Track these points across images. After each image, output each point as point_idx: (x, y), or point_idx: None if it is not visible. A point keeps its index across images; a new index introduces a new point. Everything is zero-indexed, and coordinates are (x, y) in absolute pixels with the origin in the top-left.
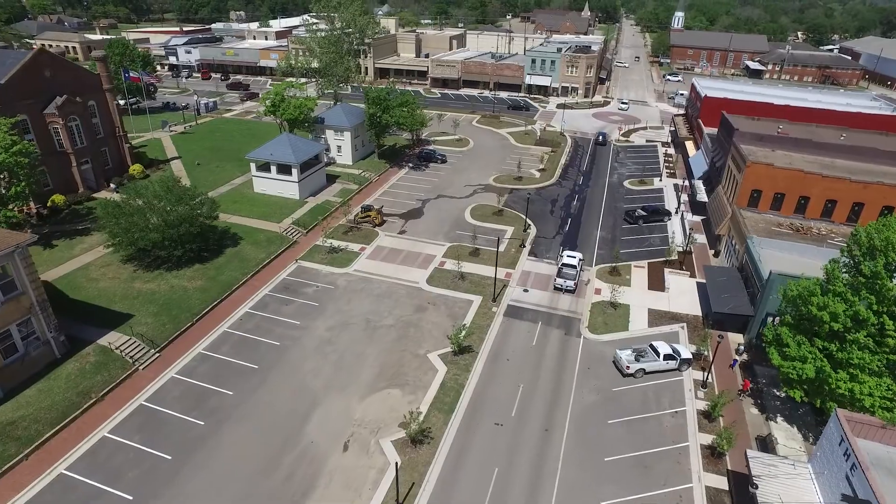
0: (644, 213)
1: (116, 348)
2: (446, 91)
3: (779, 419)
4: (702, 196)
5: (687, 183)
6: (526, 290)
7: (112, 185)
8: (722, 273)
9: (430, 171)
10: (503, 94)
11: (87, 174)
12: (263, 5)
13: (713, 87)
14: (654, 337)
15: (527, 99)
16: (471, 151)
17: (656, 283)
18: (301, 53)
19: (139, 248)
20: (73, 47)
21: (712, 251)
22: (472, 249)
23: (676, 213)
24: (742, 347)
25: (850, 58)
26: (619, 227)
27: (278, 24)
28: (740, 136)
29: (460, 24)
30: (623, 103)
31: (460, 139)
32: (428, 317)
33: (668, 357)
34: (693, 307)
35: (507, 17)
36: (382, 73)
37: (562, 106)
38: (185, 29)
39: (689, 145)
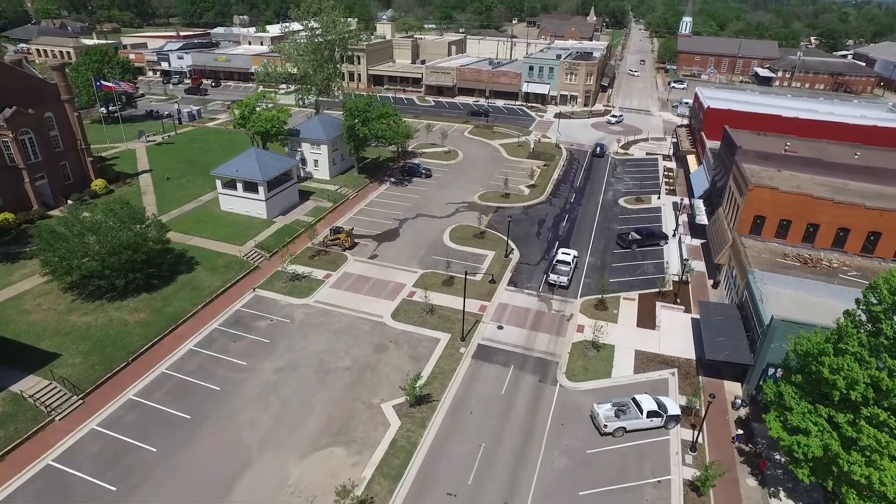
0: (638, 237)
1: (30, 396)
2: (441, 99)
3: (782, 495)
4: (702, 218)
5: (686, 202)
6: (500, 327)
7: (70, 202)
8: (719, 311)
9: (412, 187)
10: (500, 103)
11: (42, 190)
12: (268, 9)
13: (717, 98)
14: (640, 386)
15: (487, 106)
16: (458, 165)
17: (647, 318)
18: (280, 62)
19: (81, 275)
20: (68, 52)
21: (711, 281)
22: (446, 278)
23: (674, 236)
24: (739, 401)
25: (864, 64)
26: (610, 251)
27: (278, 28)
28: (743, 154)
29: (461, 30)
30: (613, 116)
31: (449, 151)
32: (388, 358)
33: (652, 414)
34: (686, 349)
35: (513, 21)
36: (376, 79)
37: (559, 115)
38: (181, 34)
39: (691, 159)
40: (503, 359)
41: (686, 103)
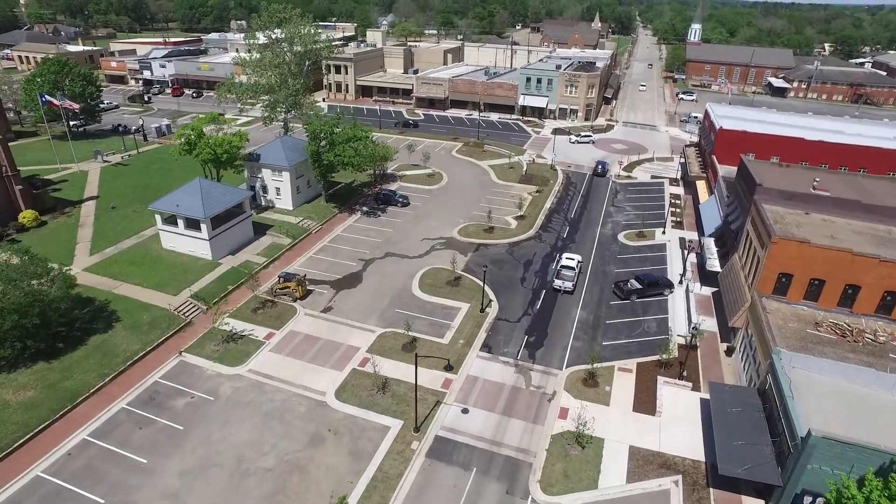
0: (639, 286)
1: None
2: (431, 112)
3: None
4: (713, 263)
5: (695, 241)
6: (466, 411)
7: None
8: (735, 397)
9: (385, 218)
10: (494, 116)
11: None
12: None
13: (730, 117)
14: (634, 501)
15: (409, 119)
16: (441, 190)
17: (646, 399)
18: (242, 76)
19: None
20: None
21: (724, 346)
22: (408, 341)
23: (680, 283)
24: None
25: (885, 73)
26: (605, 302)
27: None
28: (764, 193)
29: (459, 37)
30: (583, 135)
31: (432, 174)
32: (323, 455)
33: None
34: (694, 445)
35: (517, 27)
36: (365, 90)
37: (557, 132)
38: (170, 40)
39: (701, 186)
40: (465, 457)
41: (695, 118)
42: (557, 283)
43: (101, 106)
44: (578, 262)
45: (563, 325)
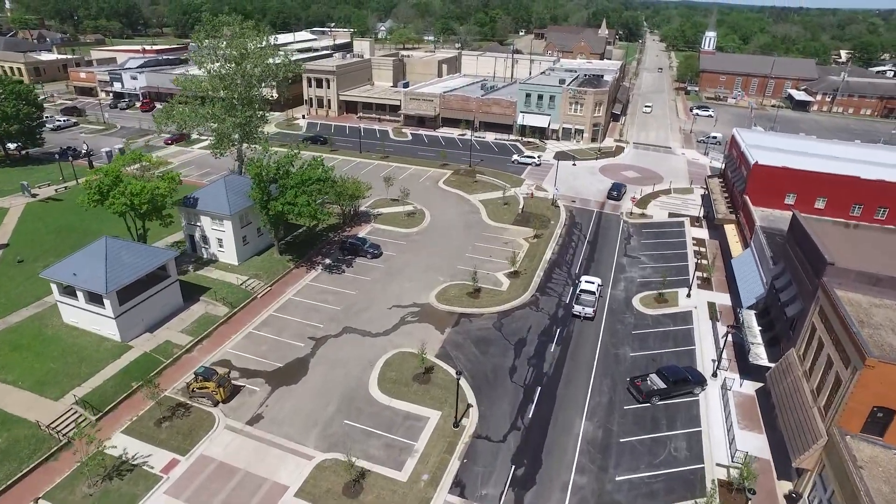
0: (662, 386)
1: None
2: (420, 131)
3: None
4: (758, 355)
5: (723, 306)
6: None
7: None
8: None
9: (351, 275)
10: (490, 137)
11: None
12: (264, 19)
13: (764, 146)
14: None
15: (322, 136)
16: (422, 235)
17: None
18: (185, 102)
19: None
20: (18, 69)
21: (785, 490)
22: (352, 480)
23: (714, 375)
24: None
25: None
26: (618, 407)
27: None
28: (838, 275)
29: (457, 45)
30: (525, 156)
31: (413, 212)
32: None
33: None
34: None
35: (520, 33)
36: (350, 106)
37: (561, 156)
38: (151, 48)
39: (731, 232)
40: None
41: (714, 139)
42: (577, 308)
43: (48, 126)
44: (599, 285)
45: (563, 447)
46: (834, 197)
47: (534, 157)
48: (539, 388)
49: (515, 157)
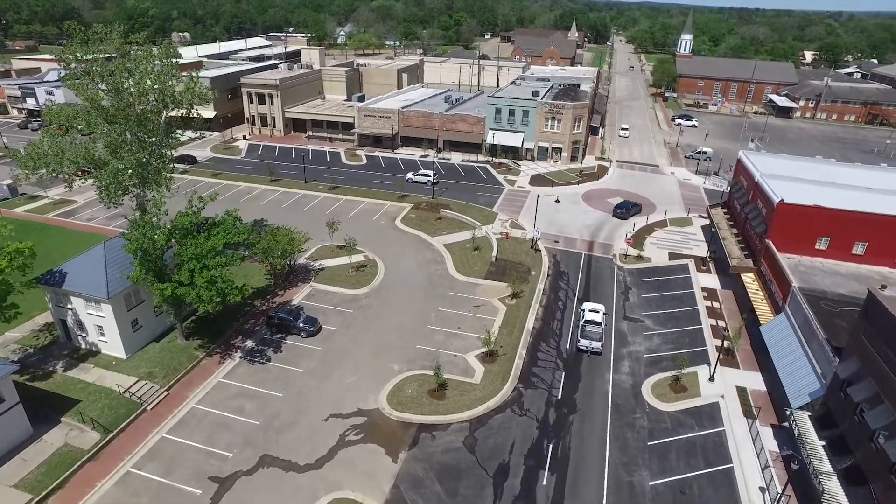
0: None
1: None
2: (377, 153)
3: None
4: (833, 493)
5: (767, 417)
6: None
7: None
8: None
9: (277, 365)
10: (457, 158)
11: None
12: (217, 25)
13: (782, 177)
14: None
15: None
16: (373, 297)
17: None
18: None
19: None
20: None
21: None
22: None
23: None
24: None
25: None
26: None
27: (195, 51)
28: None
29: (419, 51)
30: (420, 173)
31: (364, 263)
32: None
33: None
34: None
35: (486, 36)
36: (297, 124)
37: (537, 180)
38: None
39: (752, 285)
40: None
41: (704, 154)
42: (584, 343)
43: None
44: (604, 313)
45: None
46: (877, 241)
47: (429, 175)
48: None
49: (410, 175)
